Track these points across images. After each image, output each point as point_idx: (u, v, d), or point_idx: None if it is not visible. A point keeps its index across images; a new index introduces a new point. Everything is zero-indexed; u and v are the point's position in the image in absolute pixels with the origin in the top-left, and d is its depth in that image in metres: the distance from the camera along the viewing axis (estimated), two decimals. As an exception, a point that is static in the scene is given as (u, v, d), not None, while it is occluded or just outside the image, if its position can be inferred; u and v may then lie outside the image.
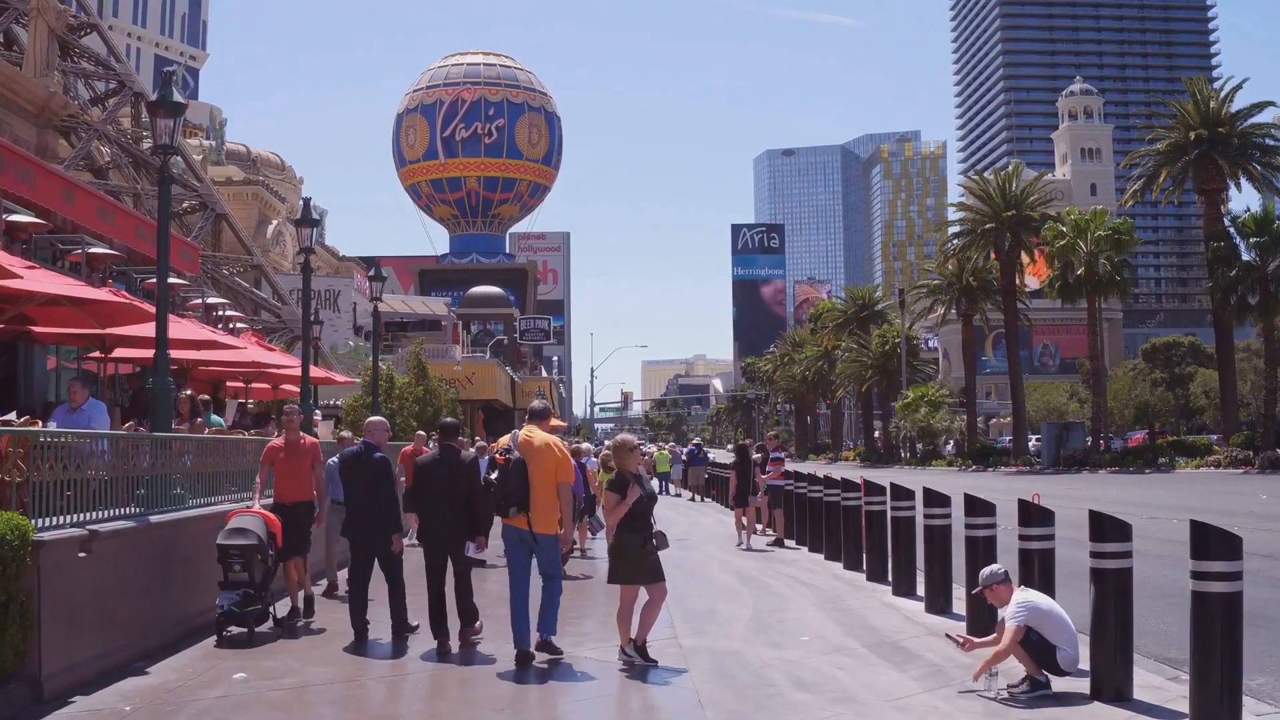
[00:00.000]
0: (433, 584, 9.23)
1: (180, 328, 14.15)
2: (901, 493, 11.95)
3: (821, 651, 8.85)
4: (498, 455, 9.30)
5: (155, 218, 41.15)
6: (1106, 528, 7.20)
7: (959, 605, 10.41)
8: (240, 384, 20.68)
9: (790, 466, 21.33)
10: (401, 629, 9.59)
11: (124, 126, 45.27)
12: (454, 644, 9.15)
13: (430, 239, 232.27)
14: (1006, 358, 58.00)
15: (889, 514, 12.81)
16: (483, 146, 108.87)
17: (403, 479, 13.44)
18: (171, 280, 21.59)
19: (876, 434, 79.93)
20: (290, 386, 23.99)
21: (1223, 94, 45.93)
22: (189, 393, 12.30)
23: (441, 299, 75.40)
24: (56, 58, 36.66)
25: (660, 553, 8.57)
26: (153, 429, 9.87)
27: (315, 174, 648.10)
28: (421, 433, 22.53)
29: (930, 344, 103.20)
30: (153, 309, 17.03)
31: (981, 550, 9.48)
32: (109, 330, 13.08)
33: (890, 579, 12.24)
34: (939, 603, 10.73)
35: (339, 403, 36.06)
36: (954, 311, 59.66)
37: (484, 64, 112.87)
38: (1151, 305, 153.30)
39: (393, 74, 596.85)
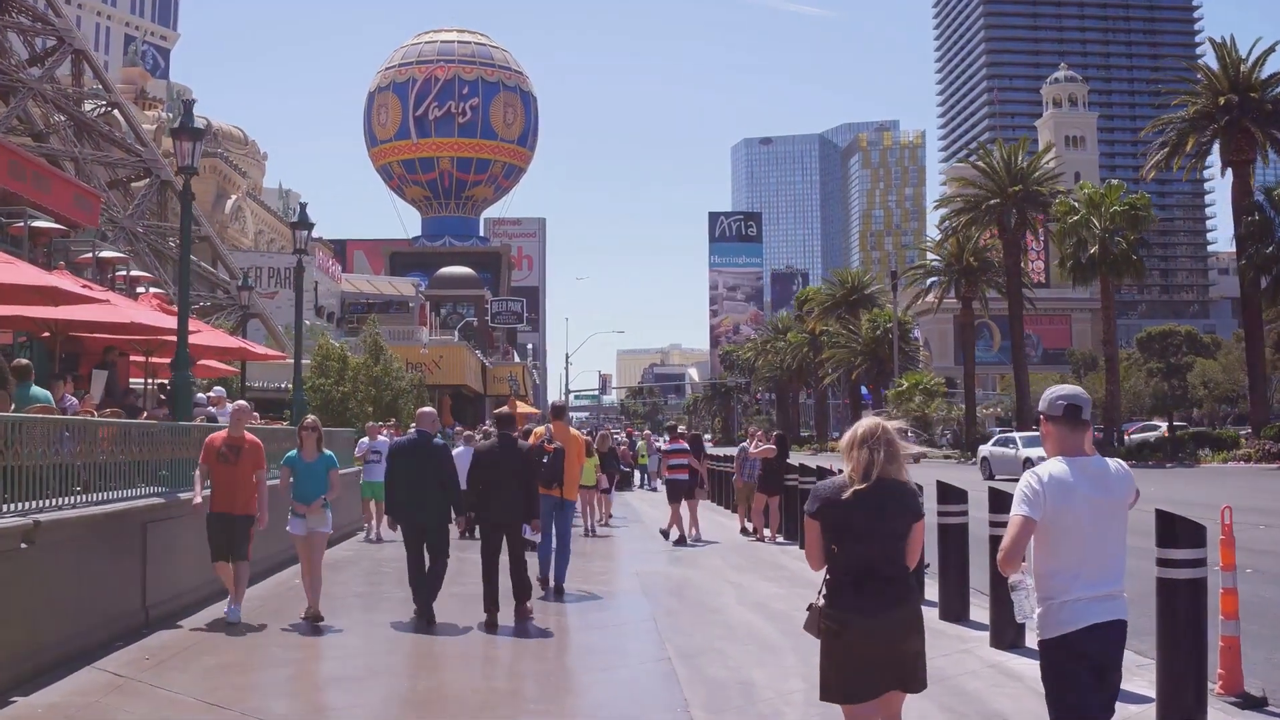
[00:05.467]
0: (489, 565, 9.84)
1: (11, 270, 10.51)
2: (1001, 500, 8.37)
3: (950, 780, 5.26)
4: (546, 444, 11.04)
5: (94, 182, 37.21)
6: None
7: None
8: (141, 356, 16.96)
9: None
10: (427, 609, 9.77)
11: (64, 87, 41.70)
12: (510, 616, 9.70)
13: (402, 221, 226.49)
14: (998, 345, 55.07)
15: (969, 527, 9.53)
16: (456, 126, 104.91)
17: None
18: (50, 225, 17.92)
19: (865, 424, 76.97)
20: (210, 362, 20.31)
21: (1252, 58, 42.52)
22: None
23: (410, 279, 71.74)
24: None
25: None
26: None
27: (289, 156, 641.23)
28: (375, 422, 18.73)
29: (913, 334, 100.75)
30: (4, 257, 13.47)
31: (1184, 600, 6.05)
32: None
33: (990, 623, 8.59)
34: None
35: (288, 385, 32.17)
36: (952, 294, 56.52)
37: (458, 41, 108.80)
38: (1134, 295, 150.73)
39: (368, 55, 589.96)
